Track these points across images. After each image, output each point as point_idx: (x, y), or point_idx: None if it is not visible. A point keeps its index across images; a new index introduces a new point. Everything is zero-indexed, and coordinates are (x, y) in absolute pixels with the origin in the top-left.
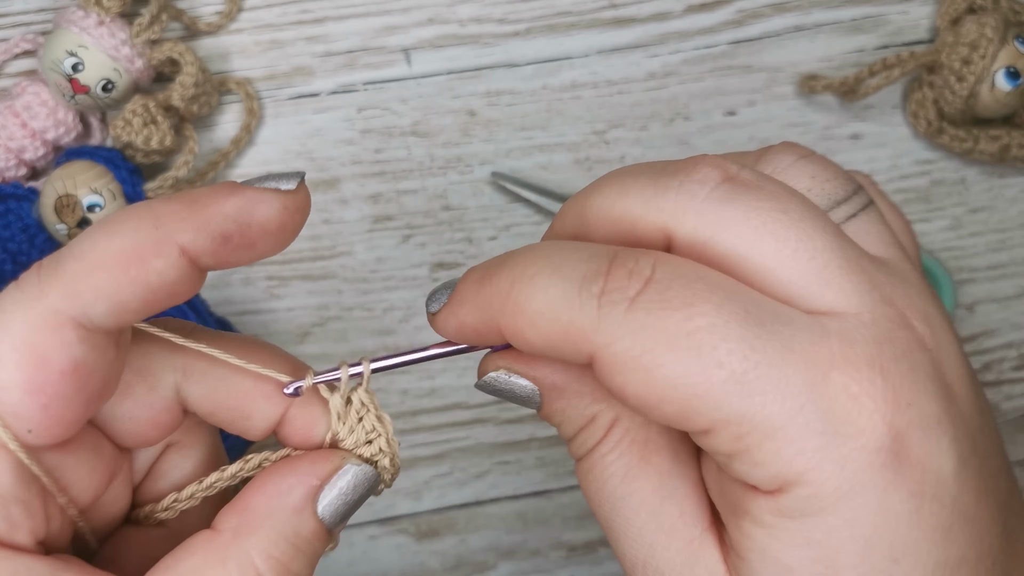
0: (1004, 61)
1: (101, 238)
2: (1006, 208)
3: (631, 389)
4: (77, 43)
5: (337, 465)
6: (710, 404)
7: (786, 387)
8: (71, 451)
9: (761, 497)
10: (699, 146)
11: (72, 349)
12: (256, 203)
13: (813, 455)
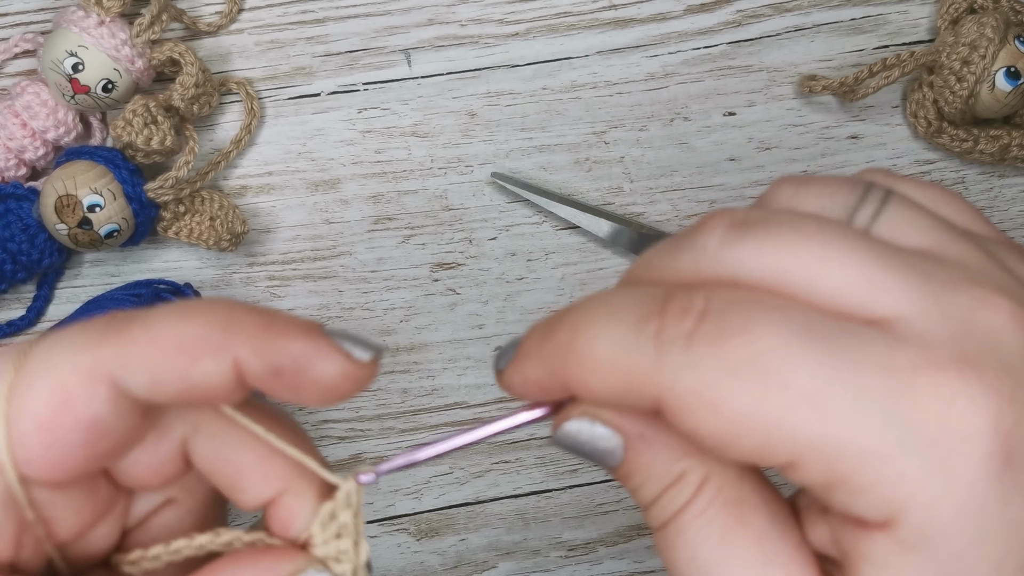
0: (1004, 61)
1: (175, 319)
2: (1006, 208)
3: (704, 429)
4: (77, 43)
5: (299, 568)
6: (787, 431)
7: (867, 401)
8: (63, 490)
9: (875, 533)
10: (699, 147)
11: (98, 406)
12: (321, 356)
13: (918, 474)
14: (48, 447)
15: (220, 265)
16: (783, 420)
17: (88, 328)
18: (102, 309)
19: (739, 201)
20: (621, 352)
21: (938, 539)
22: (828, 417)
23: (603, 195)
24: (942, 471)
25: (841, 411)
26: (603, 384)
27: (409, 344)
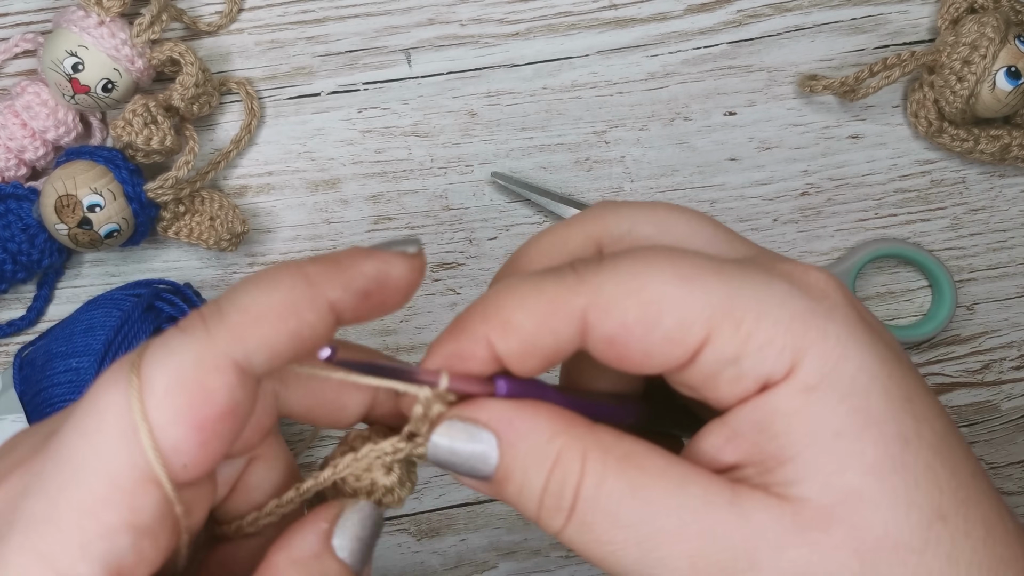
0: (1005, 61)
1: (260, 292)
2: (1006, 208)
3: (631, 316)
4: (77, 43)
5: (339, 509)
6: (701, 298)
7: (757, 273)
8: (197, 488)
9: (781, 387)
10: (699, 146)
11: (235, 392)
12: (391, 265)
13: (808, 318)
14: (203, 444)
15: (220, 265)
16: (697, 290)
17: (188, 328)
18: (102, 309)
19: (740, 201)
20: (544, 284)
21: (834, 371)
22: (732, 285)
23: (603, 194)
24: (824, 311)
25: (742, 281)
26: (531, 314)
27: (409, 344)
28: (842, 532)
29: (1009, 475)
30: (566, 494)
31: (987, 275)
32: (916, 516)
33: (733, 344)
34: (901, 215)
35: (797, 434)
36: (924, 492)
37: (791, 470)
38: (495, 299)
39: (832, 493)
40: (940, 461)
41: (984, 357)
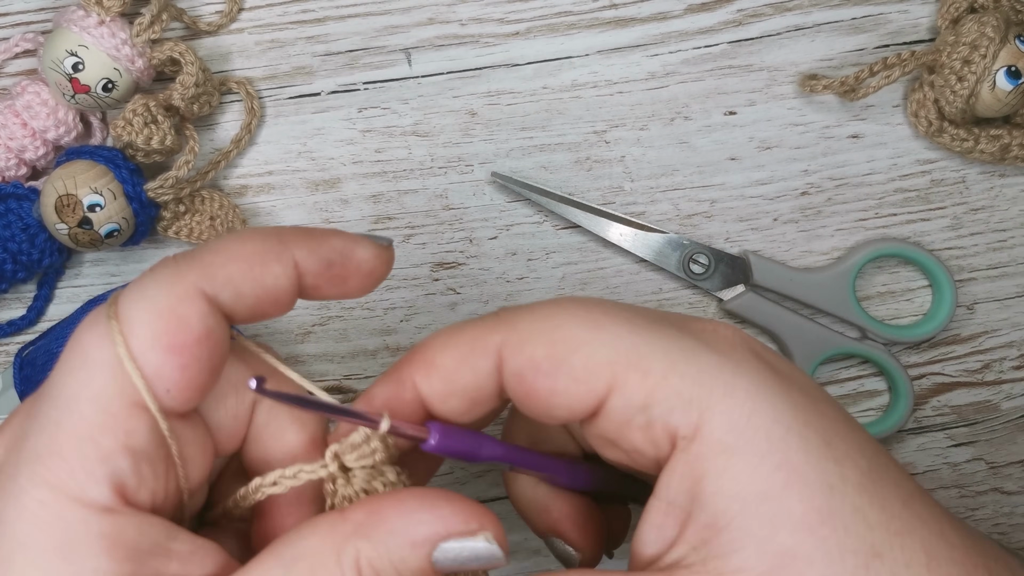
0: (1005, 60)
1: (234, 241)
2: (1007, 207)
3: (540, 354)
4: (77, 43)
5: (472, 531)
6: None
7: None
8: (190, 426)
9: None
10: (699, 146)
11: (207, 318)
12: (357, 245)
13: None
14: (183, 367)
15: None
16: (605, 335)
17: (165, 265)
18: None
19: (740, 201)
20: (466, 326)
21: (748, 427)
22: (641, 337)
23: (604, 194)
24: (731, 366)
25: (650, 334)
26: (451, 354)
27: (410, 344)
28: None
29: (1009, 475)
30: None
31: (987, 275)
32: (851, 560)
33: (640, 392)
34: (901, 215)
35: (724, 502)
36: (855, 535)
37: (726, 540)
38: (422, 345)
39: (767, 559)
40: (867, 499)
41: (984, 357)
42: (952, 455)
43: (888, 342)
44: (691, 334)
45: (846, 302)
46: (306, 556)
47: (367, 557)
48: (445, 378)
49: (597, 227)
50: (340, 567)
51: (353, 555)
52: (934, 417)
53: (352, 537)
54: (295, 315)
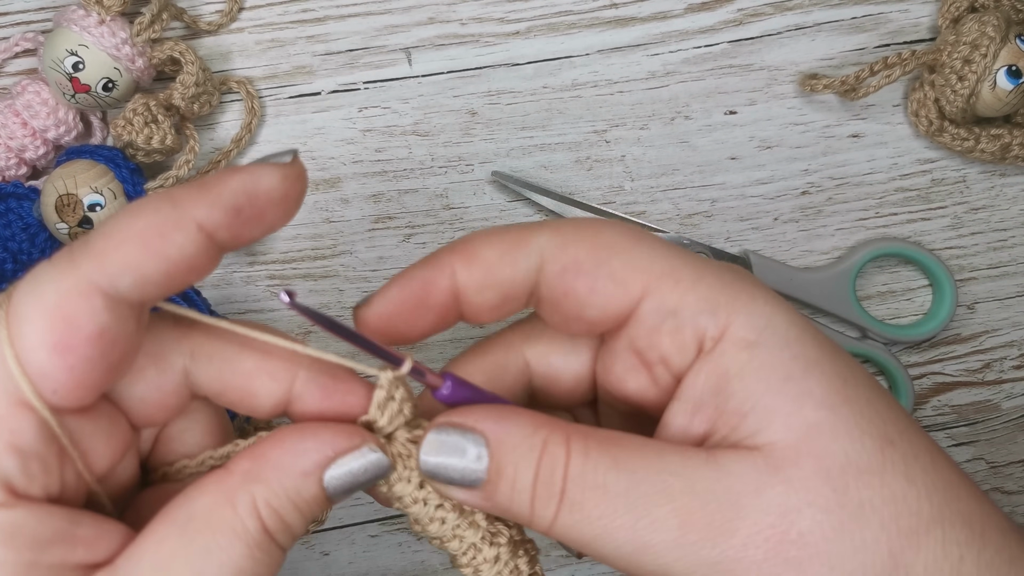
0: (1005, 60)
1: (125, 218)
2: (1007, 207)
3: (581, 252)
4: (78, 42)
5: (355, 445)
6: (643, 251)
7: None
8: (90, 419)
9: (726, 348)
10: (700, 145)
11: (99, 316)
12: (259, 176)
13: (738, 284)
14: (70, 368)
15: (220, 264)
16: (644, 246)
17: (55, 259)
18: None
19: (740, 200)
20: (510, 226)
21: (768, 327)
22: (673, 252)
23: (604, 194)
24: (750, 282)
25: (680, 253)
26: (495, 247)
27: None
28: (811, 464)
29: (1010, 474)
30: (555, 479)
31: (988, 274)
32: (869, 442)
33: (672, 297)
34: (902, 214)
35: (751, 386)
36: (870, 420)
37: (753, 420)
38: (466, 238)
39: (794, 431)
40: (877, 395)
41: (985, 356)
42: (953, 454)
43: (888, 342)
44: (707, 261)
45: (846, 302)
46: (199, 513)
47: (263, 499)
48: (486, 269)
49: None
50: (238, 515)
51: (248, 500)
52: (934, 417)
53: (243, 485)
54: (295, 315)
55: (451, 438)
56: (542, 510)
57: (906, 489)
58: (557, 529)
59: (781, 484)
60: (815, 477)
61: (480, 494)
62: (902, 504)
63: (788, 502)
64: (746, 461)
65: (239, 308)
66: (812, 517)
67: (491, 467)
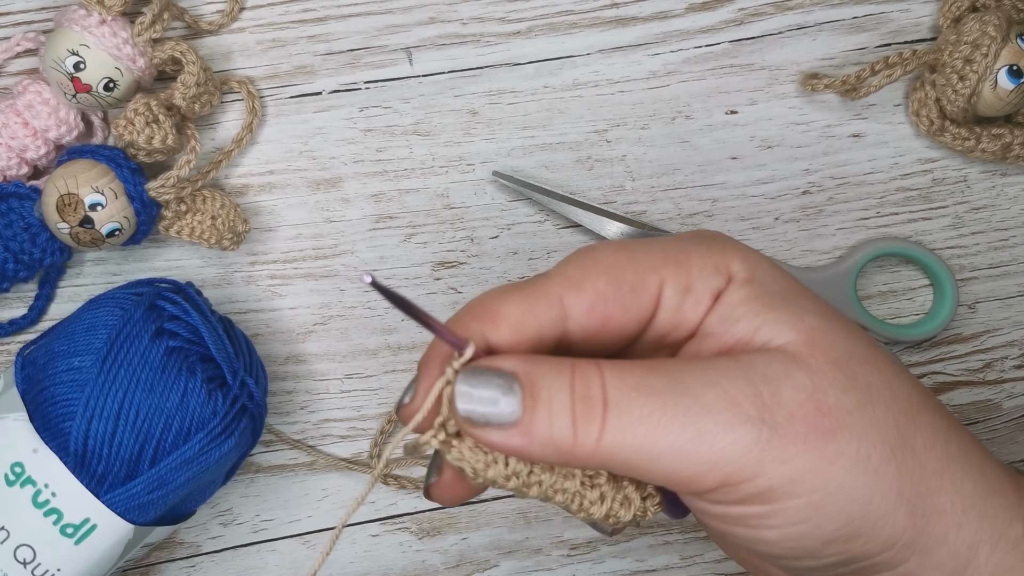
0: (1006, 59)
1: None
2: (1008, 207)
3: (601, 284)
4: (79, 42)
5: None
6: (645, 254)
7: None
8: None
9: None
10: (701, 145)
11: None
12: None
13: (728, 246)
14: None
15: (222, 264)
16: (639, 251)
17: None
18: (104, 308)
19: (741, 200)
20: (519, 284)
21: (758, 268)
22: (661, 244)
23: (605, 194)
24: (732, 242)
25: (666, 240)
26: (515, 304)
27: (411, 343)
28: (822, 355)
29: None
30: (593, 391)
31: (988, 274)
32: (860, 340)
33: (683, 278)
34: (903, 214)
35: (757, 308)
36: (854, 332)
37: (765, 331)
38: (480, 300)
39: (802, 332)
40: (852, 323)
41: (985, 356)
42: None
43: (889, 341)
44: (686, 234)
45: (847, 301)
46: None
47: None
48: (512, 327)
49: (598, 226)
50: None
51: None
52: None
53: None
54: (296, 314)
55: (481, 377)
56: (586, 426)
57: (899, 378)
58: (605, 444)
59: (804, 370)
60: (829, 365)
61: (519, 431)
62: (898, 390)
63: (814, 382)
64: (769, 355)
65: (240, 307)
66: (836, 395)
67: (525, 396)
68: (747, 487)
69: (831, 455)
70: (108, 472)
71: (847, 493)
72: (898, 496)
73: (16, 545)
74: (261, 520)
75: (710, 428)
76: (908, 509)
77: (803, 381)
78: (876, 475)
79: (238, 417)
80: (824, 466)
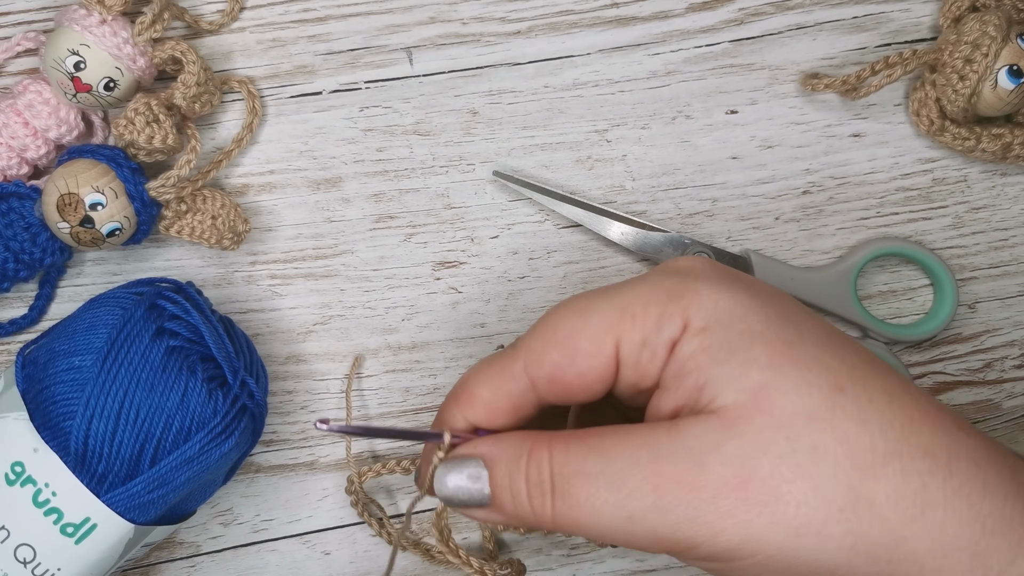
0: (1007, 59)
1: None
2: (1008, 206)
3: (556, 356)
4: (79, 41)
5: None
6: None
7: (640, 277)
8: None
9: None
10: (701, 145)
11: None
12: None
13: (684, 288)
14: None
15: (222, 264)
16: (592, 314)
17: None
18: (105, 307)
19: (741, 200)
20: (492, 359)
21: (715, 311)
22: (617, 297)
23: (605, 193)
24: (692, 279)
25: (622, 290)
26: (486, 385)
27: (411, 343)
28: (761, 418)
29: None
30: (544, 477)
31: (989, 273)
32: (816, 392)
33: (638, 333)
34: (903, 213)
35: (703, 363)
36: (817, 374)
37: (709, 390)
38: (459, 384)
39: (744, 392)
40: (828, 353)
41: (986, 356)
42: None
43: (889, 341)
44: (654, 272)
45: (847, 301)
46: None
47: None
48: (487, 406)
49: (599, 226)
50: None
51: None
52: None
53: None
54: (296, 314)
55: (455, 467)
56: (540, 508)
57: (858, 430)
58: (558, 521)
59: (736, 438)
60: (767, 429)
61: (493, 509)
62: (855, 443)
63: (744, 452)
64: (703, 423)
65: (240, 307)
66: (770, 464)
67: (492, 482)
68: (693, 553)
69: (764, 525)
70: (108, 471)
71: (790, 555)
72: (851, 551)
73: (16, 544)
74: (261, 520)
75: (638, 512)
76: (868, 561)
77: (732, 453)
78: (820, 536)
79: (238, 417)
80: (758, 534)
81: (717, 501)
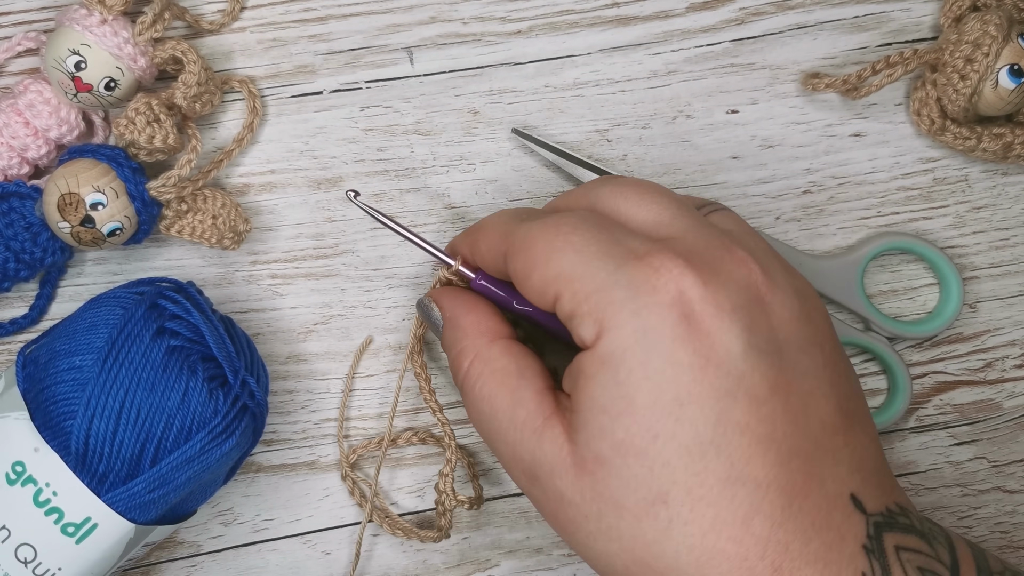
0: (1008, 59)
1: None
2: (1009, 206)
3: (520, 264)
4: (80, 41)
5: None
6: (555, 266)
7: (610, 261)
8: None
9: (587, 353)
10: (701, 144)
11: None
12: None
13: (619, 305)
14: None
15: (222, 263)
16: (555, 260)
17: None
18: (105, 307)
19: (742, 199)
20: (503, 221)
21: (621, 357)
22: (583, 266)
23: None
24: (633, 306)
25: (591, 262)
26: (485, 243)
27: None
28: (588, 490)
29: (1012, 473)
30: (460, 371)
31: (990, 273)
32: (642, 487)
33: (570, 305)
34: (903, 213)
35: (584, 395)
36: (650, 467)
37: (577, 419)
38: (476, 226)
39: (590, 451)
40: (684, 444)
41: (986, 355)
42: (954, 454)
43: (893, 336)
44: (632, 268)
45: (853, 292)
46: None
47: None
48: (483, 259)
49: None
50: None
51: None
52: (936, 416)
53: None
54: (297, 314)
55: (428, 302)
56: (454, 379)
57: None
58: (462, 397)
59: (569, 480)
60: (598, 497)
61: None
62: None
63: (563, 496)
64: (558, 447)
65: (241, 307)
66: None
67: (442, 338)
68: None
69: None
70: (109, 471)
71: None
72: None
73: (17, 544)
74: (262, 520)
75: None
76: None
77: (557, 489)
78: None
79: (239, 416)
80: None
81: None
